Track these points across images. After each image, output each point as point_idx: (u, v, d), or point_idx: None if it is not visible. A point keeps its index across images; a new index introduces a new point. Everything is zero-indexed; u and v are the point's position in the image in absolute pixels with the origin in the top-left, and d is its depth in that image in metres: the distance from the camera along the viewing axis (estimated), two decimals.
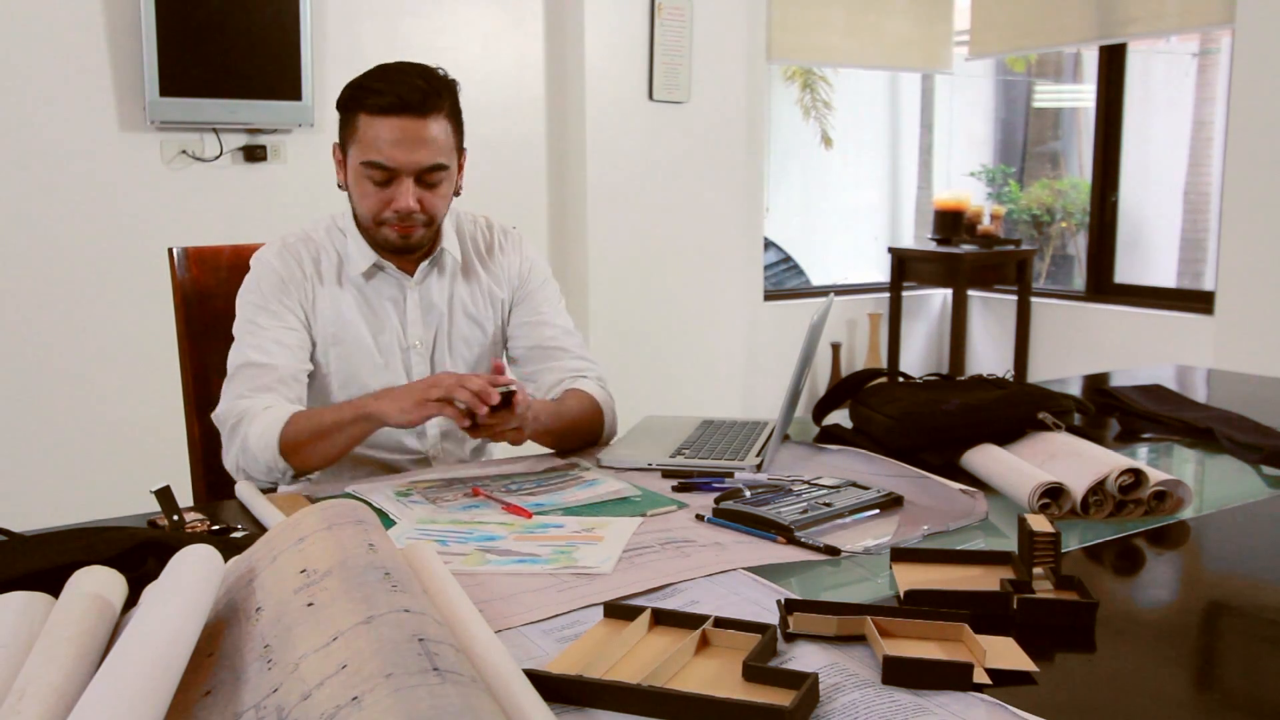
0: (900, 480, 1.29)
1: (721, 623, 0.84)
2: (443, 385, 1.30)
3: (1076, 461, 1.24)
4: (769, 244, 5.18)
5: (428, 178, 1.48)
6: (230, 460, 1.47)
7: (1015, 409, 1.42)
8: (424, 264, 1.59)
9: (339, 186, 1.56)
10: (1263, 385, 2.01)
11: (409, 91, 1.45)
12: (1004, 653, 0.82)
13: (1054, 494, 1.19)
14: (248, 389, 1.47)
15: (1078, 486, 1.17)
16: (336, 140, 1.54)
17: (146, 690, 0.60)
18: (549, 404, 1.53)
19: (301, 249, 1.56)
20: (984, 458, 1.33)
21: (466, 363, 1.64)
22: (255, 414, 1.43)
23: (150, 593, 0.75)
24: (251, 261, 1.56)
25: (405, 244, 1.53)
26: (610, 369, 1.72)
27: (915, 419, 1.42)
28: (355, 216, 1.56)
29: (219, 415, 1.49)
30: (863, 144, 5.95)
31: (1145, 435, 1.59)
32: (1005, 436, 1.39)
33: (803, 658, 0.81)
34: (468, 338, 1.63)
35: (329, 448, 1.41)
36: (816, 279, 5.53)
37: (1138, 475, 1.18)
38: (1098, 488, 1.18)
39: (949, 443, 1.39)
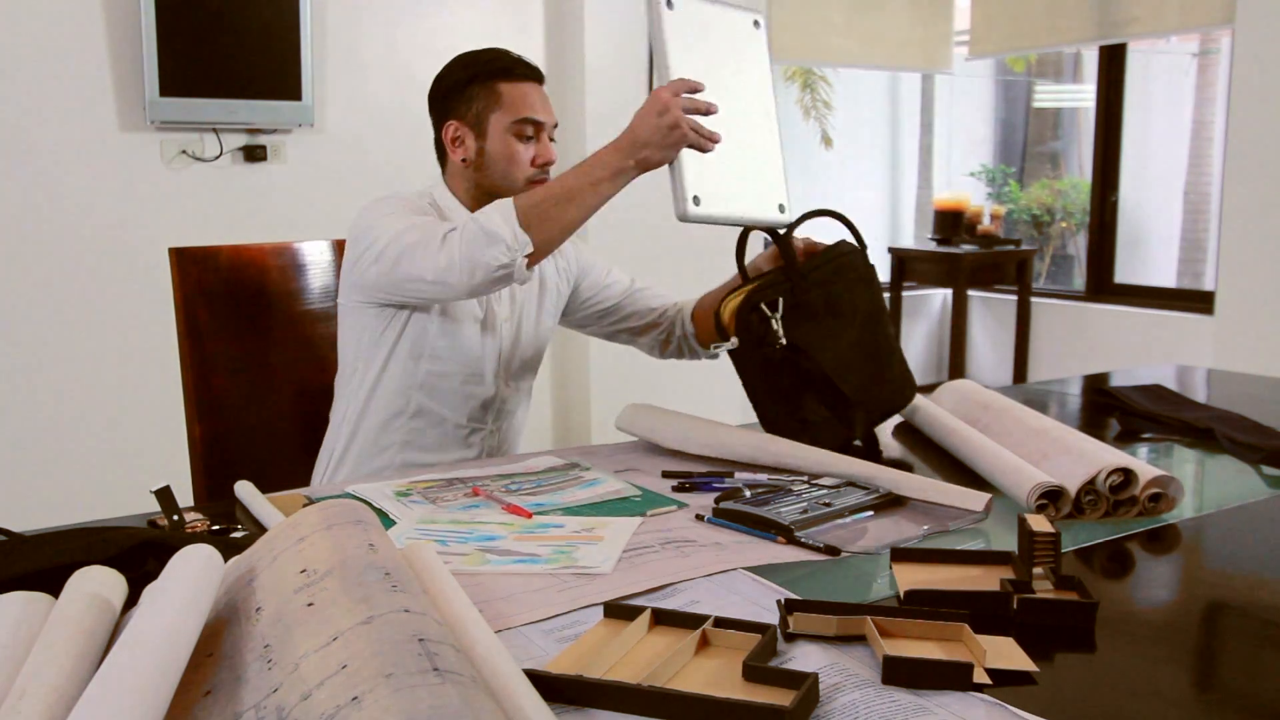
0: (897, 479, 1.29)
1: (721, 623, 0.84)
2: (674, 114, 1.35)
3: (1067, 459, 1.24)
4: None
5: (552, 137, 1.65)
6: (441, 260, 1.42)
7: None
8: None
9: (462, 162, 1.62)
10: (1263, 385, 2.01)
11: (528, 64, 1.63)
12: (1004, 653, 0.82)
13: (1053, 495, 1.19)
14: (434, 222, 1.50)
15: (1070, 486, 1.17)
16: (453, 120, 1.62)
17: (146, 690, 0.60)
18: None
19: (418, 204, 1.61)
20: (983, 456, 1.33)
21: (550, 323, 1.79)
22: (468, 217, 1.43)
23: (150, 593, 0.75)
24: (377, 203, 1.56)
25: None
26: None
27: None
28: (485, 189, 1.62)
29: (408, 241, 1.45)
30: (863, 144, 5.96)
31: (1145, 435, 1.59)
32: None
33: (803, 658, 0.81)
34: (551, 300, 1.77)
35: (576, 212, 1.41)
36: None
37: (1127, 475, 1.18)
38: (1091, 488, 1.18)
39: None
